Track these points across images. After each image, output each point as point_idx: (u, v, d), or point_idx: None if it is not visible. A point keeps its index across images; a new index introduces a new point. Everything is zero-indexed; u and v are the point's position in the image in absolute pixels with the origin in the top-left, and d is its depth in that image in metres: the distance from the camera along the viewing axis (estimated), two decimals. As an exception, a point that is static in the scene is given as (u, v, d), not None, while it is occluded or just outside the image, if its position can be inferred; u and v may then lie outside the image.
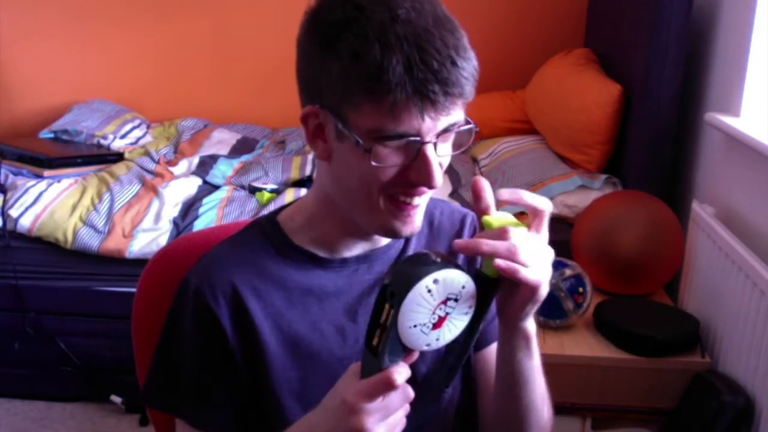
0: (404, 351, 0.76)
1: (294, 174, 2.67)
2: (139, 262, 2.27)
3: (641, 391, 1.80)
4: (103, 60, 3.41)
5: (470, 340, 0.81)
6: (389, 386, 0.72)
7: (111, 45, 3.39)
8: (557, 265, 1.86)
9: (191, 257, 0.98)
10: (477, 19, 3.13)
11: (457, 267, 0.75)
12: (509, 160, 2.63)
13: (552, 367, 0.97)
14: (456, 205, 1.08)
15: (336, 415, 0.75)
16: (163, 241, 2.32)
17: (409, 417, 0.77)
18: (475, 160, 2.89)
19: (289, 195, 2.49)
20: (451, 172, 2.70)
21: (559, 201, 2.35)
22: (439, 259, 0.75)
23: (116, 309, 2.33)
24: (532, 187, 2.39)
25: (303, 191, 2.53)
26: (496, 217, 0.80)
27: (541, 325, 1.87)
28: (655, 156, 2.26)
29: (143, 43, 3.39)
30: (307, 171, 2.68)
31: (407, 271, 0.74)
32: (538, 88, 2.87)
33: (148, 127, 3.28)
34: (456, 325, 0.77)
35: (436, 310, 0.74)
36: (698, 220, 1.96)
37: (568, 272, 1.84)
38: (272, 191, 2.54)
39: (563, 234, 2.27)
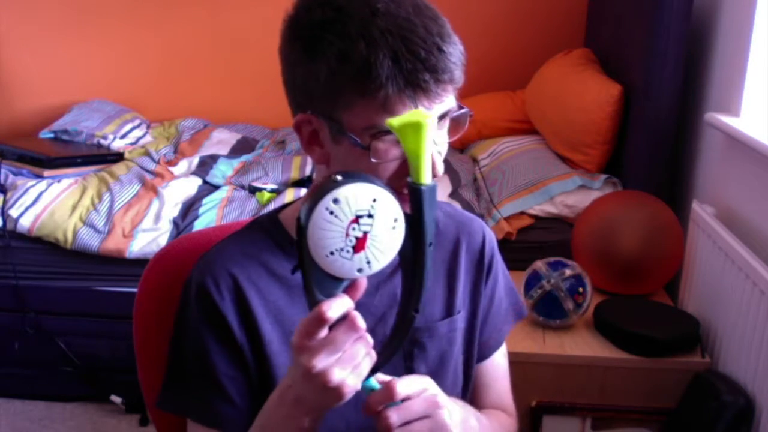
0: (338, 281, 0.72)
1: (294, 174, 2.67)
2: (139, 262, 2.28)
3: (641, 391, 1.80)
4: (103, 60, 3.42)
5: (421, 256, 0.74)
6: (321, 320, 0.69)
7: (111, 45, 3.39)
8: (557, 265, 1.86)
9: (191, 257, 0.98)
10: (477, 19, 3.13)
11: (366, 180, 0.70)
12: (509, 160, 2.63)
13: (552, 367, 0.97)
14: (458, 207, 1.08)
15: (293, 362, 0.74)
16: (163, 241, 2.32)
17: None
18: (475, 160, 2.89)
19: (289, 195, 2.49)
20: (451, 172, 2.70)
21: (559, 201, 2.34)
22: (340, 178, 0.69)
23: (116, 309, 2.34)
24: (532, 187, 2.39)
25: (303, 191, 2.53)
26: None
27: (541, 325, 1.87)
28: (655, 156, 2.26)
29: (143, 42, 3.39)
30: (307, 171, 2.68)
31: (308, 200, 0.69)
32: (538, 88, 2.87)
33: (148, 127, 3.28)
34: (386, 244, 0.72)
35: (349, 232, 0.69)
36: (698, 220, 1.96)
37: (568, 272, 1.85)
38: (272, 191, 2.54)
39: (563, 234, 2.27)
